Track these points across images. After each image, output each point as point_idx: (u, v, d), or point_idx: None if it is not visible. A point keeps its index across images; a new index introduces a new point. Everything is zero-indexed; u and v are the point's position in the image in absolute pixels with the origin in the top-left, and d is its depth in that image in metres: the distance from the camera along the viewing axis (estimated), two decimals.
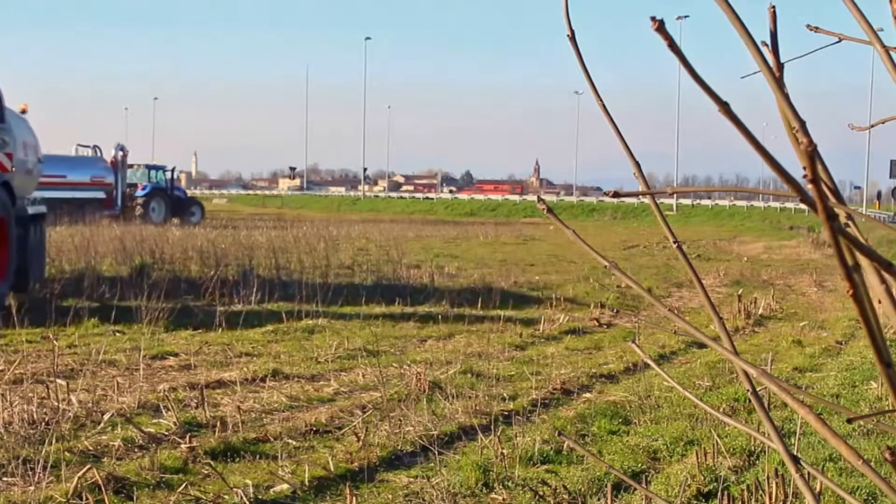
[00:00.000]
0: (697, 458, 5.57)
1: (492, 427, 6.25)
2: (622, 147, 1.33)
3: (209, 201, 63.78)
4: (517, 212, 66.70)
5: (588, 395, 7.79)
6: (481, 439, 6.02)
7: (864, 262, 0.96)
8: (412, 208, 74.07)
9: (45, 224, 13.02)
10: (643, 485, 5.29)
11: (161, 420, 6.34)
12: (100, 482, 4.82)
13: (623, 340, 10.39)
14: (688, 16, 61.63)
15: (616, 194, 1.18)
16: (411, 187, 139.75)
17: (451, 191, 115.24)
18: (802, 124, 0.93)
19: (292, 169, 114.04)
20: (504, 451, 5.62)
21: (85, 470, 4.93)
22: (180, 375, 8.05)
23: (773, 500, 4.10)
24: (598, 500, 5.04)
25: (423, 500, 5.08)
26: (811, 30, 1.39)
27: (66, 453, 5.42)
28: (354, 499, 4.50)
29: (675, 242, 1.35)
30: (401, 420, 6.43)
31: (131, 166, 38.41)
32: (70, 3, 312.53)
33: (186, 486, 5.05)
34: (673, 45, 0.86)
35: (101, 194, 35.18)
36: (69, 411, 6.33)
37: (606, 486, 4.51)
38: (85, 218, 25.96)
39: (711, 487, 5.26)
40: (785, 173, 0.84)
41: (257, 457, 5.75)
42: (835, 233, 0.81)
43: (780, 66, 1.11)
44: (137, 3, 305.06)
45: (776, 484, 4.10)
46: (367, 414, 6.59)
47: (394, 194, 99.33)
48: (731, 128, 0.86)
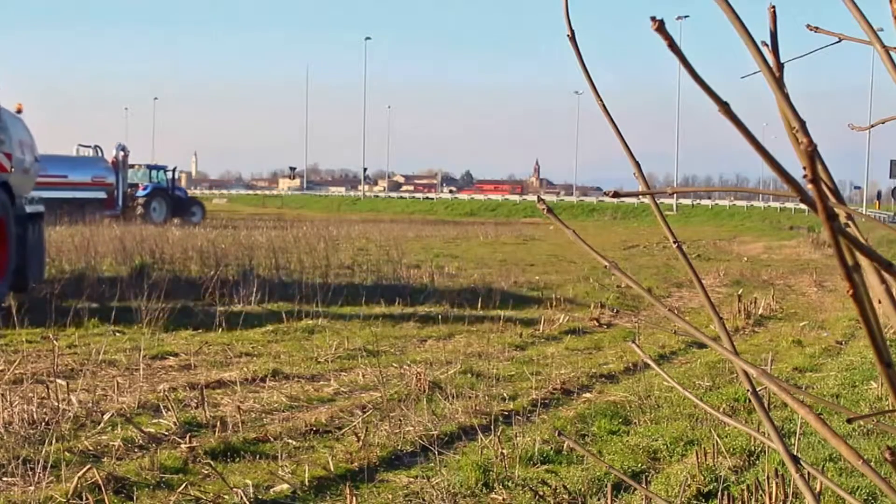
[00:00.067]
0: (697, 458, 5.57)
1: (492, 427, 6.25)
2: (622, 147, 1.33)
3: (209, 201, 63.78)
4: (517, 212, 66.73)
5: (588, 395, 7.79)
6: (481, 439, 6.01)
7: (864, 262, 0.96)
8: (412, 208, 74.10)
9: (44, 223, 12.99)
10: (643, 485, 5.28)
11: (161, 420, 6.34)
12: (100, 482, 4.82)
13: (623, 340, 10.39)
14: (688, 16, 61.78)
15: (616, 194, 1.18)
16: (411, 187, 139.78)
17: (451, 191, 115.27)
18: (802, 124, 0.93)
19: (292, 169, 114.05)
20: (504, 451, 5.61)
21: (85, 470, 4.93)
22: (180, 375, 8.05)
23: (773, 500, 4.10)
24: (598, 500, 5.04)
25: (423, 500, 5.08)
26: (811, 30, 1.39)
27: (66, 453, 5.42)
28: (354, 499, 4.50)
29: (675, 242, 1.35)
30: (401, 420, 6.43)
31: (132, 166, 38.43)
32: (70, 3, 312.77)
33: (186, 486, 5.05)
34: (673, 45, 0.86)
35: (102, 194, 35.21)
36: (69, 411, 6.33)
37: (606, 486, 4.51)
38: (85, 218, 25.96)
39: (711, 487, 5.26)
40: (785, 173, 0.84)
41: (257, 457, 5.75)
42: (835, 233, 0.81)
43: (780, 66, 1.11)
44: (137, 3, 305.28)
45: (776, 484, 4.10)
46: (367, 414, 6.60)
47: (394, 194, 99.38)
48: (731, 128, 0.86)
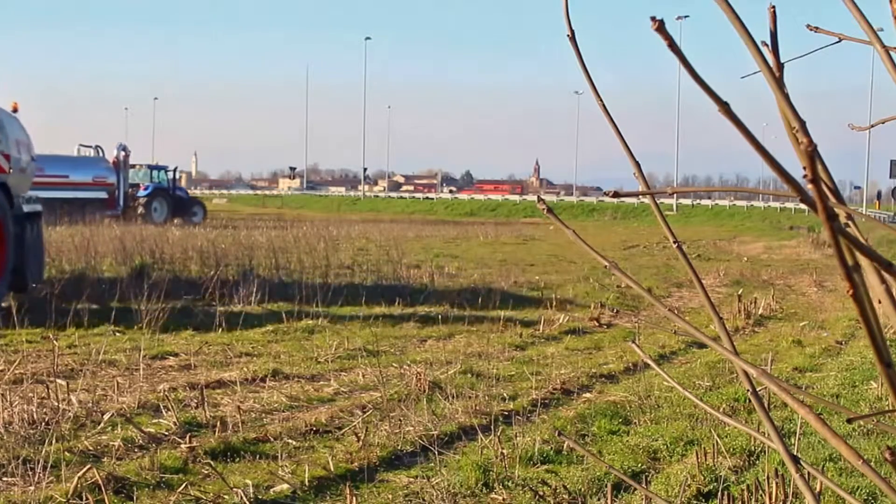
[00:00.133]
0: (697, 458, 5.56)
1: (492, 427, 6.25)
2: (622, 147, 1.33)
3: (209, 201, 63.77)
4: (517, 212, 66.76)
5: (588, 395, 7.79)
6: (481, 439, 6.01)
7: (864, 262, 0.96)
8: (412, 208, 74.12)
9: (42, 222, 12.96)
10: (643, 485, 5.28)
11: (161, 420, 6.34)
12: (100, 482, 4.82)
13: (623, 340, 10.39)
14: (688, 16, 61.82)
15: (616, 194, 1.18)
16: (411, 187, 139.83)
17: (451, 191, 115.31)
18: (802, 124, 0.93)
19: (292, 169, 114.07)
20: (504, 451, 5.61)
21: (85, 470, 4.93)
22: (180, 375, 8.04)
23: (773, 500, 4.10)
24: (598, 500, 5.04)
25: (423, 500, 5.08)
26: (811, 30, 1.39)
27: (66, 453, 5.42)
28: (354, 499, 4.50)
29: (675, 242, 1.35)
30: (401, 420, 6.43)
31: (133, 166, 38.44)
32: (70, 3, 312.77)
33: (186, 486, 5.05)
34: (673, 45, 0.86)
35: (103, 194, 35.21)
36: (69, 411, 6.33)
37: (606, 486, 4.51)
38: (85, 218, 25.94)
39: (711, 487, 5.26)
40: (785, 173, 0.84)
41: (257, 457, 5.75)
42: (835, 233, 0.80)
43: (780, 66, 1.11)
44: (137, 3, 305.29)
45: (776, 484, 4.10)
46: (367, 414, 6.59)
47: (394, 194, 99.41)
48: (731, 128, 0.86)
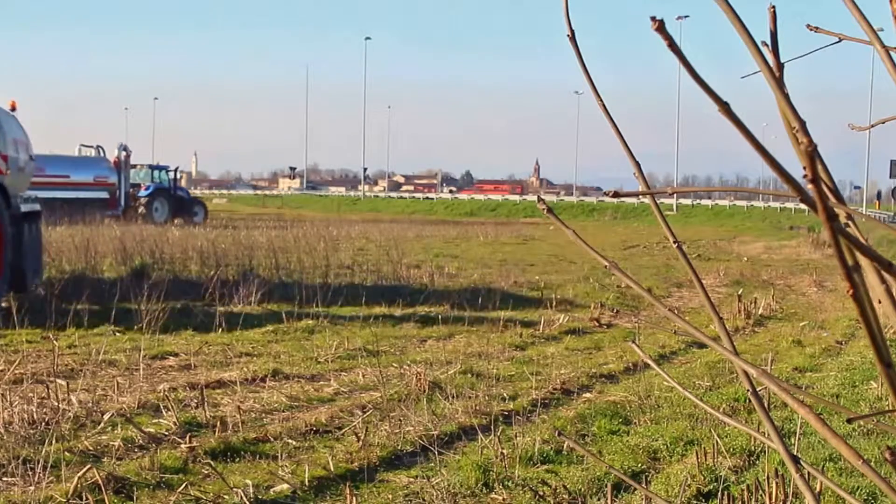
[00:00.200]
0: (697, 458, 5.56)
1: (492, 427, 6.25)
2: (622, 147, 1.33)
3: (209, 201, 63.74)
4: (517, 212, 66.75)
5: (588, 395, 7.79)
6: (481, 439, 6.01)
7: (864, 262, 0.96)
8: (412, 208, 74.12)
9: (41, 222, 12.93)
10: (643, 485, 5.28)
11: (161, 420, 6.34)
12: (100, 482, 4.82)
13: (623, 340, 10.39)
14: (688, 16, 61.88)
15: (616, 194, 1.18)
16: (411, 187, 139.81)
17: (451, 191, 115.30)
18: (802, 124, 0.93)
19: (292, 169, 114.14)
20: (504, 451, 5.61)
21: (85, 470, 4.93)
22: (180, 375, 8.04)
23: (773, 500, 4.10)
24: (598, 500, 5.04)
25: (423, 500, 5.08)
26: (811, 30, 1.39)
27: (66, 453, 5.42)
28: (354, 499, 4.50)
29: (675, 242, 1.35)
30: (401, 420, 6.43)
31: (134, 166, 38.42)
32: (70, 3, 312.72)
33: (186, 486, 5.05)
34: (673, 45, 0.86)
35: (104, 194, 35.21)
36: (69, 411, 6.33)
37: (606, 486, 4.51)
38: (85, 218, 25.92)
39: (711, 487, 5.26)
40: (785, 173, 0.84)
41: (257, 457, 5.75)
42: (835, 233, 0.80)
43: (780, 66, 1.11)
44: (137, 3, 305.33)
45: (776, 484, 4.10)
46: (367, 414, 6.59)
47: (394, 194, 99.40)
48: (731, 128, 0.86)
